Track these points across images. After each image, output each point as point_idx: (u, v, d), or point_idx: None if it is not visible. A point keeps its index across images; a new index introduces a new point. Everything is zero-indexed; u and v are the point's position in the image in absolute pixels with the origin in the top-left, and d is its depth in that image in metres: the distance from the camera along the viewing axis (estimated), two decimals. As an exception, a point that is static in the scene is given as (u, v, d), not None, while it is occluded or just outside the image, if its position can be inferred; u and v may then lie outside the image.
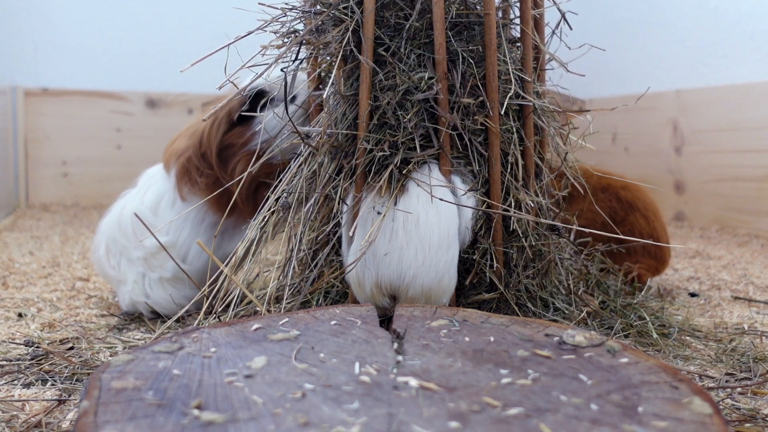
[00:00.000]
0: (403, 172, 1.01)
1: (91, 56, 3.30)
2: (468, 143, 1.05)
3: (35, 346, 1.11)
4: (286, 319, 0.85)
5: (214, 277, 1.13)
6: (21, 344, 1.12)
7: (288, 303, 1.09)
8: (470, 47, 1.05)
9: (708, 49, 2.78)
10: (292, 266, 1.11)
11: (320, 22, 1.05)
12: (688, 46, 2.88)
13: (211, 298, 1.11)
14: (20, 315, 1.32)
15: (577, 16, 1.21)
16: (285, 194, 1.12)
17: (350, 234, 1.02)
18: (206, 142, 1.31)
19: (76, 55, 3.29)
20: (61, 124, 3.21)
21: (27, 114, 3.16)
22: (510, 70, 1.08)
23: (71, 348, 1.12)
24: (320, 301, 1.11)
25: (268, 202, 1.15)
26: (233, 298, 1.12)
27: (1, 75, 3.03)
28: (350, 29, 1.02)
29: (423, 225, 0.98)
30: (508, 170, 1.09)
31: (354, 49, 1.03)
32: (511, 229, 1.09)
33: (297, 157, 1.16)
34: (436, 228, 0.98)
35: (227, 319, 1.10)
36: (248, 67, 1.03)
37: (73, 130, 3.23)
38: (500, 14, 1.13)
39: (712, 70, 2.76)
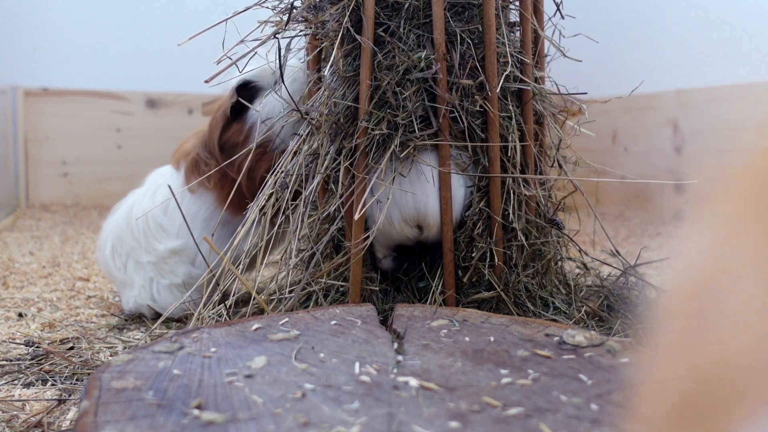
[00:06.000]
0: (401, 155, 1.03)
1: (91, 56, 3.30)
2: (467, 126, 1.05)
3: (35, 346, 1.11)
4: (286, 319, 0.85)
5: (210, 277, 1.13)
6: (21, 344, 1.12)
7: (291, 291, 1.09)
8: (469, 27, 1.06)
9: (708, 49, 2.78)
10: (293, 251, 1.11)
11: (318, 0, 1.05)
12: (688, 46, 2.88)
13: (208, 293, 1.11)
14: (20, 315, 1.32)
15: (576, 18, 1.21)
16: (283, 174, 1.13)
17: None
18: (209, 140, 1.31)
19: (76, 55, 3.29)
20: (61, 124, 3.20)
21: (27, 114, 3.15)
22: (508, 52, 1.08)
23: (71, 348, 1.12)
24: (320, 301, 1.11)
25: (268, 184, 1.14)
26: (234, 294, 1.12)
27: (1, 75, 3.03)
28: (349, 8, 1.03)
29: (426, 181, 1.06)
30: (507, 155, 1.10)
31: (351, 28, 1.04)
32: (510, 227, 1.09)
33: (296, 138, 1.16)
34: (435, 183, 1.07)
35: (229, 307, 1.10)
36: (246, 41, 1.03)
37: (73, 130, 3.22)
38: None
39: (712, 70, 2.76)
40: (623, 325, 1.16)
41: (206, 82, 0.99)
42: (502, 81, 1.07)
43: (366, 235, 1.07)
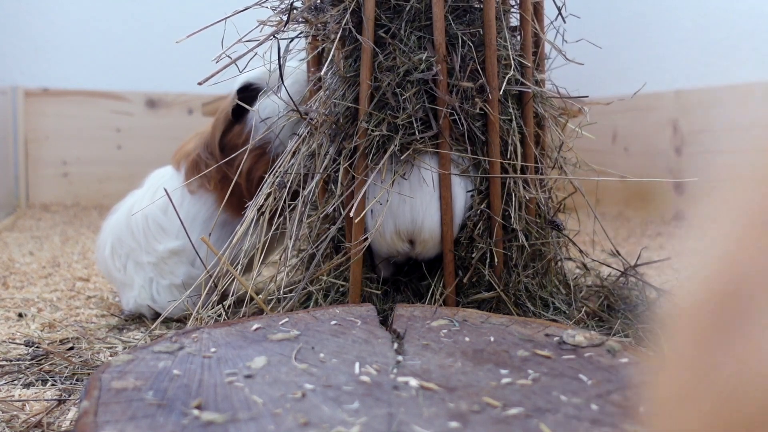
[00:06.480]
0: (401, 157, 1.03)
1: (91, 56, 3.30)
2: (466, 129, 1.06)
3: (35, 346, 1.11)
4: (286, 319, 0.85)
5: (208, 278, 1.13)
6: (21, 344, 1.12)
7: (288, 292, 1.09)
8: (470, 30, 1.06)
9: (708, 49, 2.78)
10: (290, 249, 1.11)
11: (319, 0, 1.05)
12: (688, 46, 2.88)
13: (207, 290, 1.11)
14: (20, 315, 1.32)
15: (580, 18, 1.22)
16: (282, 174, 1.13)
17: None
18: (210, 141, 1.32)
19: (76, 55, 3.29)
20: (61, 124, 3.20)
21: (27, 114, 3.15)
22: (510, 55, 1.09)
23: (71, 348, 1.12)
24: (320, 301, 1.11)
25: (266, 184, 1.15)
26: (233, 294, 1.12)
27: (1, 75, 3.03)
28: (349, 9, 1.03)
29: (427, 186, 1.06)
30: (507, 158, 1.10)
31: (353, 29, 1.04)
32: (510, 227, 1.09)
33: (296, 138, 1.16)
34: (436, 188, 1.06)
35: (228, 307, 1.10)
36: (244, 41, 1.03)
37: (73, 130, 3.22)
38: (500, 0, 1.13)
39: (712, 70, 2.76)
40: (623, 325, 1.16)
41: (199, 84, 0.98)
42: (504, 84, 1.07)
43: (365, 236, 1.07)
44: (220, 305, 1.11)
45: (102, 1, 3.31)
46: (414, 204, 1.05)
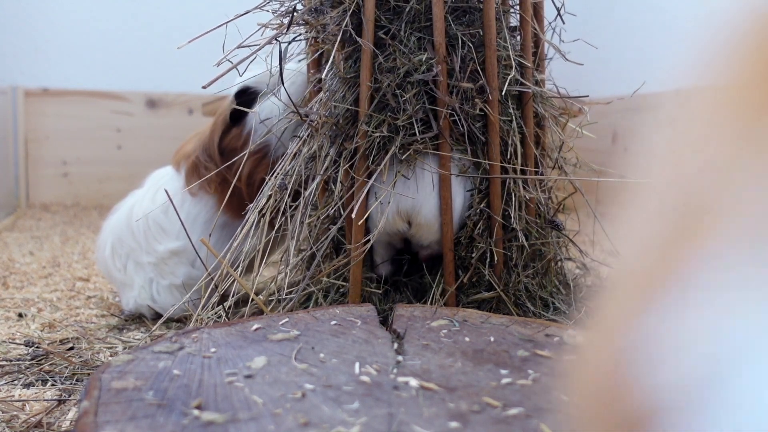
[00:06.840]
0: (402, 158, 1.03)
1: (91, 56, 3.30)
2: (467, 129, 1.06)
3: (35, 346, 1.11)
4: (286, 319, 0.85)
5: (209, 280, 1.13)
6: (21, 344, 1.12)
7: (288, 293, 1.09)
8: (470, 30, 1.06)
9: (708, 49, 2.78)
10: (292, 250, 1.11)
11: (319, 2, 1.05)
12: (688, 46, 2.88)
13: (209, 293, 1.11)
14: (20, 315, 1.32)
15: (576, 16, 1.22)
16: (282, 176, 1.13)
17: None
18: (209, 144, 1.32)
19: (76, 55, 3.29)
20: (61, 124, 3.20)
21: (27, 114, 3.15)
22: (510, 55, 1.09)
23: (71, 348, 1.12)
24: (320, 301, 1.11)
25: (267, 186, 1.15)
26: (234, 295, 1.12)
27: (1, 75, 3.03)
28: (349, 11, 1.03)
29: (426, 182, 1.07)
30: (507, 159, 1.10)
31: (353, 31, 1.04)
32: (510, 227, 1.09)
33: (296, 140, 1.16)
34: (435, 187, 1.08)
35: (228, 308, 1.10)
36: (245, 45, 1.03)
37: (73, 130, 3.22)
38: (500, 0, 1.14)
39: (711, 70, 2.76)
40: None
41: (204, 87, 0.98)
42: (506, 85, 1.07)
43: (367, 238, 1.07)
44: (221, 306, 1.11)
45: (102, 1, 3.31)
46: (415, 191, 1.07)
